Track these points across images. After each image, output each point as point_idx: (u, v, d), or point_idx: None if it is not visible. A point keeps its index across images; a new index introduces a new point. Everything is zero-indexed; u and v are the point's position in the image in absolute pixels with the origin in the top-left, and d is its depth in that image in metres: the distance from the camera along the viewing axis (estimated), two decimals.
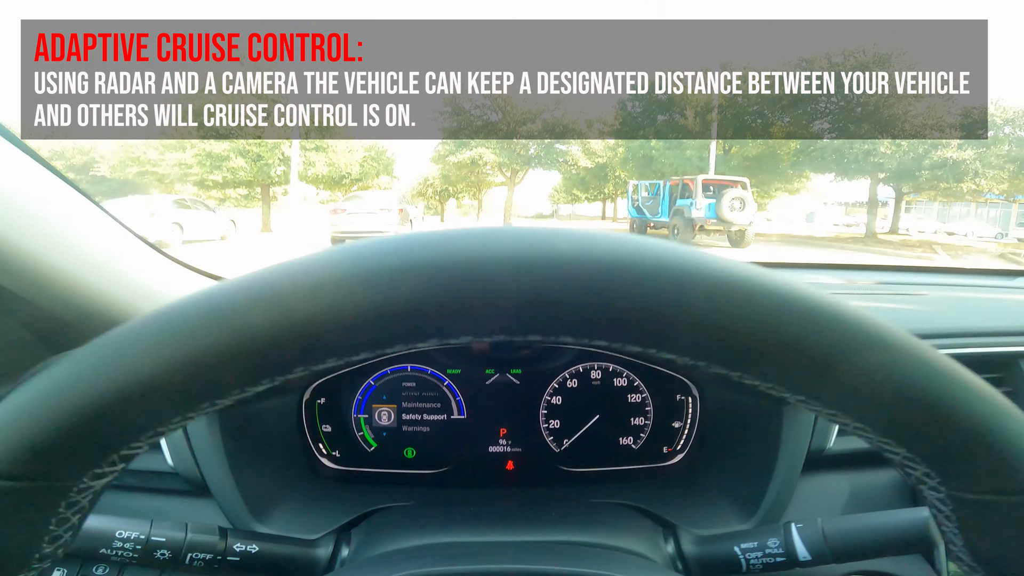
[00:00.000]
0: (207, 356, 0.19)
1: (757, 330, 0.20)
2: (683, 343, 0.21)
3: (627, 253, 0.20)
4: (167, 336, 0.20)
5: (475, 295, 0.20)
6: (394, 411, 0.75)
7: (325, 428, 0.75)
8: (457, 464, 0.75)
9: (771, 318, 0.20)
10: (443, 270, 0.19)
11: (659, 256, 0.20)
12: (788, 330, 0.20)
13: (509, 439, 0.75)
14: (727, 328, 0.20)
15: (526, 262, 0.20)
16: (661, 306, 0.20)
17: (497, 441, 0.75)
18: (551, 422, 0.75)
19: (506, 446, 0.75)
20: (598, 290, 0.19)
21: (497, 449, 0.75)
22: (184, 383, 0.20)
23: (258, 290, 0.20)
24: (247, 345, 0.19)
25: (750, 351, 0.21)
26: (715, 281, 0.20)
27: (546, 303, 0.20)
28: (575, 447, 0.75)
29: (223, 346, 0.19)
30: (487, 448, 0.75)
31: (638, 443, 0.76)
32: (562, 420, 0.75)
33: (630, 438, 0.76)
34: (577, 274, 0.20)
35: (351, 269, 0.20)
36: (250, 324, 0.19)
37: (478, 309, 0.20)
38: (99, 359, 0.21)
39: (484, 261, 0.20)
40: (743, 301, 0.20)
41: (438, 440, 0.75)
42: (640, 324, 0.20)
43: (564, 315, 0.20)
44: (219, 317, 0.19)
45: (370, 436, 0.75)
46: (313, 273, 0.20)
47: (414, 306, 0.19)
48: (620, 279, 0.20)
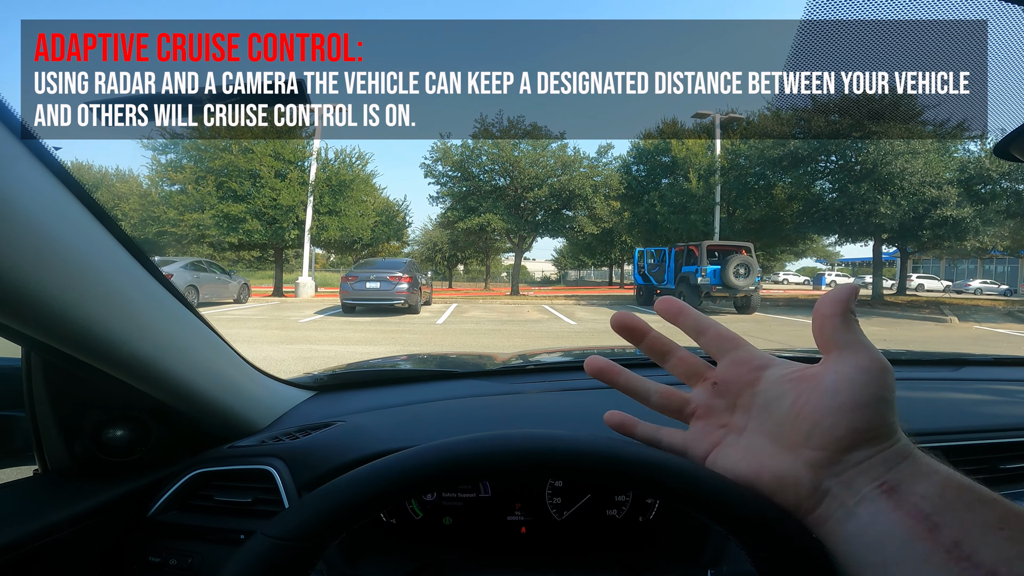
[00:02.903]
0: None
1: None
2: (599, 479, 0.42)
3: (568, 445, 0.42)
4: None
5: (484, 464, 0.42)
6: (437, 492, 0.95)
7: None
8: (483, 528, 0.94)
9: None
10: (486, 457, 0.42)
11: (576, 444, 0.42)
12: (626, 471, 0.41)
13: (522, 511, 0.94)
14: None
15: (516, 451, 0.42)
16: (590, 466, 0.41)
17: (514, 512, 0.94)
18: (554, 499, 0.94)
19: (520, 516, 0.94)
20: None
21: (513, 518, 0.94)
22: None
23: (419, 463, 0.41)
24: (413, 482, 0.41)
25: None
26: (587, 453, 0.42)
27: (535, 465, 0.42)
28: (572, 517, 0.94)
29: (404, 481, 0.41)
30: (506, 518, 0.94)
31: (621, 514, 0.95)
32: (562, 498, 0.94)
33: (615, 511, 0.95)
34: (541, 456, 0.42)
35: (450, 454, 0.42)
36: (413, 474, 0.41)
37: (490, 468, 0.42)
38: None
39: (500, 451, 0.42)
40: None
41: (469, 511, 0.94)
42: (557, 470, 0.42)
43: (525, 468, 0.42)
44: (403, 471, 0.41)
45: (418, 508, 0.94)
46: (429, 458, 0.41)
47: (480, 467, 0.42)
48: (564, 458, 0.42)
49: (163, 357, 0.71)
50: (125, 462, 0.85)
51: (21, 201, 0.48)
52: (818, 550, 0.36)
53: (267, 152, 18.98)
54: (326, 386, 1.20)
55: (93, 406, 0.82)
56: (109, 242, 0.60)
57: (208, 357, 0.82)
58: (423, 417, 1.01)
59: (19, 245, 0.48)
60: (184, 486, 0.83)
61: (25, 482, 0.80)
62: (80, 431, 0.81)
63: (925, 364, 1.50)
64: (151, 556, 0.78)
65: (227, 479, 0.84)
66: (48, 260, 0.51)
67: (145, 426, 0.86)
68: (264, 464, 0.83)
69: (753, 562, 0.38)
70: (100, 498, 0.76)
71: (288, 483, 0.81)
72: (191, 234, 19.30)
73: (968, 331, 11.23)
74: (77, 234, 0.55)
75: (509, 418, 1.00)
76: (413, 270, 13.23)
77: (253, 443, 0.89)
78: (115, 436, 0.83)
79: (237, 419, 0.92)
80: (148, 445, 0.86)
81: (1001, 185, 15.07)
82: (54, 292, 0.52)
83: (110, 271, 0.60)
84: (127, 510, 0.80)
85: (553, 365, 1.42)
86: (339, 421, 0.95)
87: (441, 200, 23.69)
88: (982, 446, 0.93)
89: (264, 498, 0.82)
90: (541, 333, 9.78)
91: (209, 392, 0.82)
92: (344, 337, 8.62)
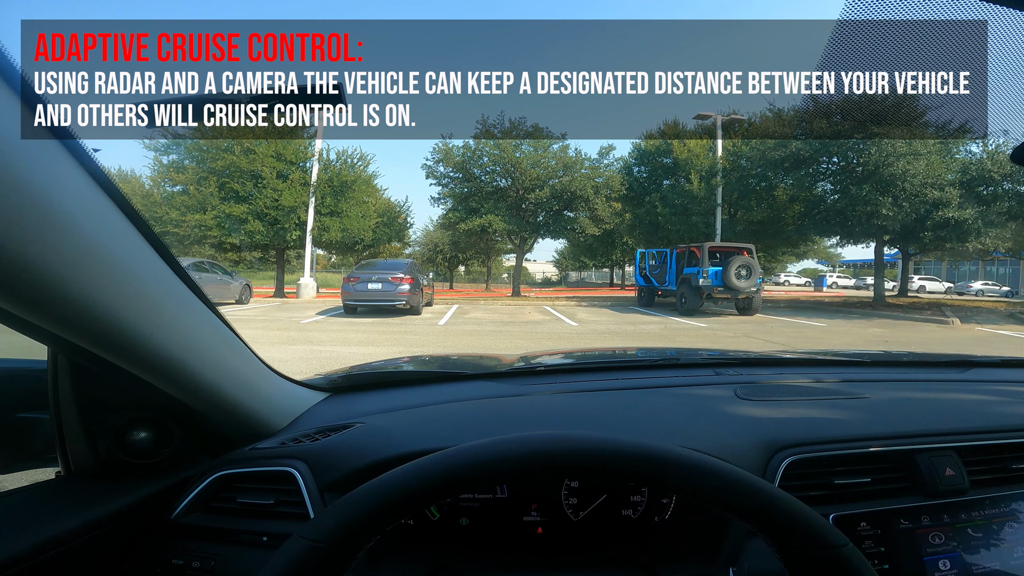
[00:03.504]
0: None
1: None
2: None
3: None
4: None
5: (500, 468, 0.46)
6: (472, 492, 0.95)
7: None
8: (500, 529, 0.94)
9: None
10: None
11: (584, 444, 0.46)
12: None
13: (538, 512, 0.94)
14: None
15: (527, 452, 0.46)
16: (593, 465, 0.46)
17: (530, 513, 0.94)
18: (570, 500, 0.94)
19: (536, 517, 0.94)
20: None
21: (529, 519, 0.94)
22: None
23: (445, 467, 0.45)
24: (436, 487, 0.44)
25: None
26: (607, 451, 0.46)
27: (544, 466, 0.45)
28: (588, 517, 0.94)
29: (430, 487, 0.44)
30: (522, 518, 0.94)
31: (636, 514, 0.95)
32: (578, 498, 0.94)
33: (630, 511, 0.95)
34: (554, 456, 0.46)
35: (471, 459, 0.45)
36: (438, 479, 0.44)
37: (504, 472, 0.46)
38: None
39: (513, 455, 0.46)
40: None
41: (486, 512, 0.94)
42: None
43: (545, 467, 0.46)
44: (426, 476, 0.44)
45: (435, 509, 0.94)
46: (452, 463, 0.45)
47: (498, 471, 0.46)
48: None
49: (187, 356, 0.72)
50: (147, 464, 0.86)
51: (62, 203, 0.48)
52: (847, 547, 0.37)
53: (269, 153, 18.97)
54: (339, 387, 1.21)
55: (117, 408, 0.82)
56: (137, 240, 0.60)
57: (228, 357, 0.83)
58: (439, 419, 1.01)
59: (59, 247, 0.48)
60: (207, 488, 0.83)
61: (49, 484, 0.81)
62: (104, 433, 0.82)
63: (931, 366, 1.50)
64: (174, 559, 0.78)
65: (249, 481, 0.85)
66: (83, 260, 0.52)
67: (167, 429, 0.87)
68: (286, 466, 0.83)
69: (783, 559, 0.39)
70: (123, 501, 0.77)
71: (311, 485, 0.81)
72: (193, 235, 19.30)
73: (970, 333, 11.21)
74: (107, 232, 0.55)
75: (522, 420, 1.01)
76: (415, 271, 13.22)
77: (273, 445, 0.90)
78: (139, 438, 0.84)
79: (256, 420, 0.93)
80: (170, 447, 0.87)
81: (1003, 187, 15.03)
82: (87, 291, 0.53)
83: (139, 270, 0.61)
84: (149, 512, 0.80)
85: (560, 367, 1.44)
86: (358, 423, 0.96)
87: (442, 201, 23.68)
88: (995, 447, 0.93)
89: (286, 500, 0.82)
90: (543, 334, 9.78)
91: (230, 393, 0.83)
92: (346, 338, 8.62)
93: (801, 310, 16.30)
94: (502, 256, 37.21)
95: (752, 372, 1.33)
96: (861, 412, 1.03)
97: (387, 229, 23.41)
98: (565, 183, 21.40)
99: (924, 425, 0.96)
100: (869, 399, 1.10)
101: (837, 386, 1.23)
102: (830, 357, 1.61)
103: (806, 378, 1.30)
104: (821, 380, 1.29)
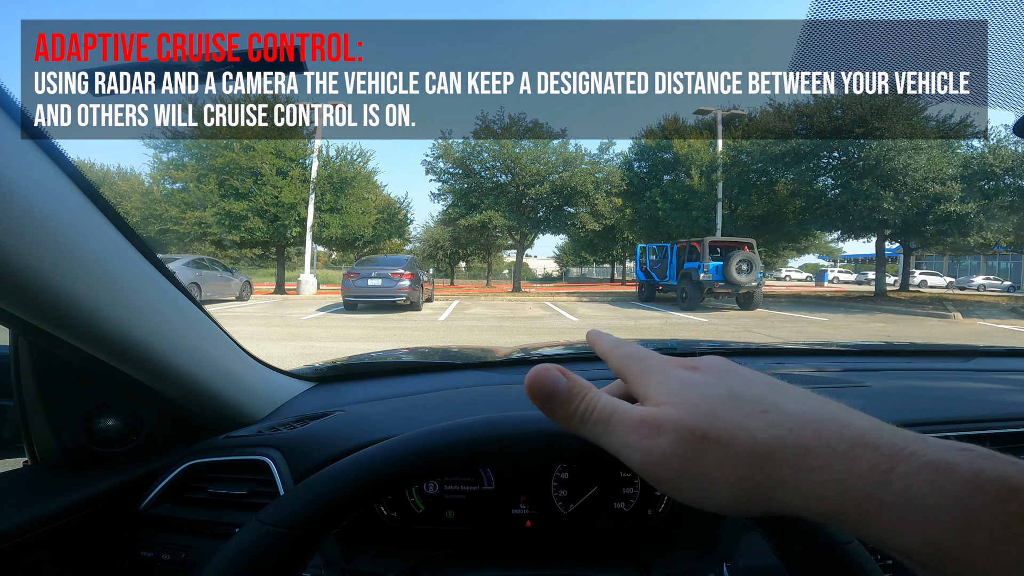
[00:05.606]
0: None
1: None
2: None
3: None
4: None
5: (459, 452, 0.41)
6: (439, 483, 0.93)
7: None
8: (487, 523, 0.91)
9: None
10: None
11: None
12: None
13: (527, 504, 0.92)
14: None
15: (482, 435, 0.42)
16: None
17: (518, 505, 0.92)
18: (560, 491, 0.92)
19: (525, 509, 0.92)
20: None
21: (518, 512, 0.92)
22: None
23: (415, 449, 0.41)
24: (402, 471, 0.40)
25: None
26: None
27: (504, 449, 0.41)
28: (579, 510, 0.92)
29: (403, 470, 0.40)
30: (510, 511, 0.92)
31: (629, 506, 0.93)
32: (569, 490, 0.92)
33: (623, 503, 0.93)
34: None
35: (440, 442, 0.41)
36: (414, 461, 0.40)
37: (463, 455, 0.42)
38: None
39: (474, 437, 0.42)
40: None
41: (472, 505, 0.92)
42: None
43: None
44: (402, 457, 0.40)
45: (419, 501, 0.92)
46: (423, 446, 0.41)
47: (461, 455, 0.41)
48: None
49: (155, 341, 0.68)
50: (118, 453, 0.82)
51: (14, 181, 0.47)
52: (852, 544, 0.36)
53: (268, 150, 18.95)
54: (326, 377, 1.18)
55: (83, 394, 0.79)
56: (101, 222, 0.58)
57: (203, 344, 0.80)
58: (422, 406, 0.99)
59: (16, 227, 0.47)
60: (177, 478, 0.80)
61: (13, 474, 0.78)
62: (70, 420, 0.78)
63: (934, 355, 1.49)
64: (143, 551, 0.76)
65: (222, 470, 0.82)
66: (40, 238, 0.50)
67: (138, 415, 0.84)
68: (260, 455, 0.80)
69: (781, 556, 0.38)
70: (90, 490, 0.74)
71: (285, 474, 0.78)
72: (193, 232, 19.29)
73: (972, 327, 11.20)
74: (65, 210, 0.53)
75: (510, 407, 0.97)
76: (415, 267, 13.21)
77: (250, 433, 0.87)
78: (106, 426, 0.81)
79: (234, 408, 0.89)
80: (141, 435, 0.84)
81: (1005, 181, 15.00)
82: (44, 270, 0.51)
83: (99, 249, 0.58)
84: (118, 502, 0.77)
85: (553, 357, 1.40)
86: (338, 411, 0.93)
87: (442, 197, 23.66)
88: (1000, 435, 0.91)
89: (260, 490, 0.80)
90: (543, 329, 9.78)
91: (204, 380, 0.80)
92: (346, 334, 8.62)
93: (802, 305, 16.29)
94: (502, 252, 37.21)
95: (752, 362, 1.31)
96: (863, 400, 1.01)
97: (387, 225, 23.37)
98: (565, 178, 21.38)
99: (928, 413, 0.95)
100: (872, 387, 1.08)
101: (839, 375, 1.21)
102: (832, 347, 1.59)
103: (808, 367, 1.29)
104: (823, 369, 1.28)
